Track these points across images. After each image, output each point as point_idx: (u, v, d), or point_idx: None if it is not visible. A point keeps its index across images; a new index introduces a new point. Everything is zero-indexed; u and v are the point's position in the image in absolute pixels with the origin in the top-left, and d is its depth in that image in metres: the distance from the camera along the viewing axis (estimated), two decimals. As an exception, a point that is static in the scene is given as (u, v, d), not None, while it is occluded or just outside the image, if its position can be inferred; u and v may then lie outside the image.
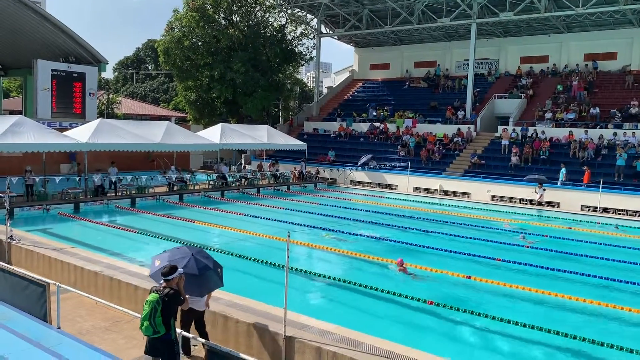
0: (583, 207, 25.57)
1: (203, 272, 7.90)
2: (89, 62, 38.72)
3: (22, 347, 7.85)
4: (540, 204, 26.05)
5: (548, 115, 33.16)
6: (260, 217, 20.48)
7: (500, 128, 33.32)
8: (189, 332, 8.08)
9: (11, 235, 13.79)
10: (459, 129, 34.68)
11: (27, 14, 34.56)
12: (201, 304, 8.36)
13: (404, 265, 13.64)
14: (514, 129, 32.59)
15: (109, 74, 79.95)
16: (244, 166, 36.57)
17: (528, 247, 17.05)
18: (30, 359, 7.47)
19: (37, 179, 21.55)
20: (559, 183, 27.18)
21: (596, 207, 24.91)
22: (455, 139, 34.04)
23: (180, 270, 7.23)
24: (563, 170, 27.36)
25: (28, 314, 9.18)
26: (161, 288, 6.98)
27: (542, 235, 18.80)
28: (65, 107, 36.65)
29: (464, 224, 20.64)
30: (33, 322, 8.89)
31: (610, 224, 21.94)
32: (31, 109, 36.80)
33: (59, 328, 8.75)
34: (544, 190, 25.94)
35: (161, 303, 6.80)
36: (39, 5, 40.07)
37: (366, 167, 33.30)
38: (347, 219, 20.92)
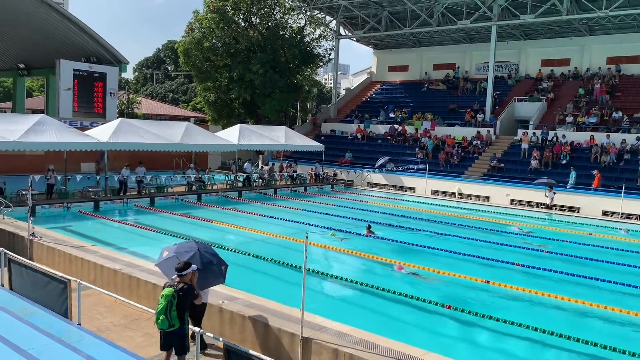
0: (604, 213, 25.20)
1: (206, 267, 8.10)
2: (110, 62, 39.18)
3: (43, 343, 7.97)
4: (550, 207, 26.04)
5: (569, 119, 32.74)
6: (277, 218, 20.54)
7: (520, 131, 32.99)
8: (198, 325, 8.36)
9: (33, 233, 14.02)
10: (478, 132, 34.40)
11: (50, 14, 35.11)
12: (204, 296, 8.47)
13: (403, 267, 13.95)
14: (534, 133, 32.25)
15: (129, 74, 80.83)
16: (261, 167, 36.74)
17: (526, 234, 18.84)
18: (51, 355, 7.57)
19: (58, 177, 21.86)
20: (568, 186, 26.95)
21: (618, 213, 24.53)
22: (475, 142, 33.78)
23: (193, 266, 7.40)
24: (573, 173, 27.14)
25: (49, 309, 9.31)
26: (175, 283, 7.15)
27: (562, 241, 18.57)
28: (86, 106, 37.11)
29: (482, 228, 20.46)
30: (54, 317, 9.01)
31: (632, 230, 21.63)
32: (53, 108, 37.31)
33: (79, 324, 8.86)
34: (554, 193, 26.01)
35: (176, 297, 6.96)
36: (62, 6, 40.73)
37: (383, 169, 33.20)
38: (363, 220, 20.89)
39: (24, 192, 19.16)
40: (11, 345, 7.76)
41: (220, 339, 7.47)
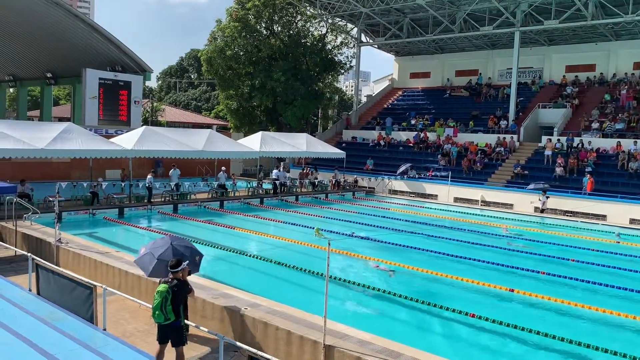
0: (632, 221, 24.66)
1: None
2: (134, 71, 39.85)
3: (70, 347, 8.08)
4: (543, 211, 26.43)
5: (595, 125, 32.18)
6: (299, 225, 20.56)
7: (544, 138, 32.52)
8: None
9: (59, 239, 14.26)
10: (503, 138, 34.02)
11: (77, 25, 35.90)
12: None
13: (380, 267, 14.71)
14: (558, 139, 31.76)
15: (153, 83, 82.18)
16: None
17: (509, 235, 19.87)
18: (77, 359, 7.67)
19: (104, 185, 22.26)
20: (582, 193, 26.68)
21: (646, 221, 24.02)
22: (498, 149, 33.42)
23: (184, 263, 7.85)
24: (585, 179, 26.85)
25: (75, 314, 9.44)
26: (169, 280, 7.59)
27: (590, 249, 18.23)
28: (111, 114, 37.76)
29: (507, 236, 20.19)
30: (80, 323, 9.13)
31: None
32: (79, 116, 38.05)
33: (104, 330, 8.97)
34: (547, 197, 26.42)
35: (171, 293, 7.44)
36: (88, 16, 41.55)
37: (405, 176, 33.03)
38: (385, 227, 20.80)
39: (50, 199, 19.52)
40: (39, 350, 7.89)
41: (243, 346, 7.49)
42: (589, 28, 34.60)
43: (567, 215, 26.22)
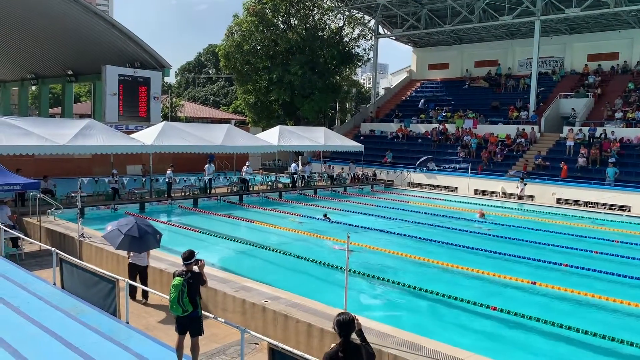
0: (657, 212, 24.20)
1: (142, 235, 10.81)
2: (153, 67, 40.15)
3: (94, 340, 8.20)
4: (520, 197, 27.60)
5: (618, 114, 31.55)
6: (318, 219, 20.56)
7: (565, 128, 31.99)
8: (134, 281, 10.70)
9: (82, 234, 14.47)
10: (523, 129, 33.55)
11: (97, 22, 36.27)
12: (143, 260, 11.22)
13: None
14: (580, 129, 31.22)
15: (171, 79, 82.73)
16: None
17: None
18: (102, 352, 7.79)
19: (125, 180, 22.53)
20: (606, 183, 26.43)
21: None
22: (518, 140, 32.99)
23: (197, 256, 7.95)
24: (610, 170, 26.66)
25: (99, 308, 9.58)
26: (183, 272, 7.64)
27: (613, 241, 17.94)
28: (131, 110, 38.14)
29: (530, 228, 19.94)
30: (103, 316, 9.26)
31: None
32: (100, 112, 38.50)
33: (127, 323, 9.08)
34: (525, 185, 27.54)
35: (186, 285, 7.47)
36: (107, 14, 41.94)
37: (424, 168, 32.80)
38: (403, 220, 20.71)
39: (73, 194, 19.81)
40: (64, 342, 8.03)
41: (264, 338, 7.52)
42: (612, 15, 33.86)
43: (590, 207, 25.81)
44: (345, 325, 5.30)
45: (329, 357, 5.28)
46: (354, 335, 5.34)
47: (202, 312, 7.81)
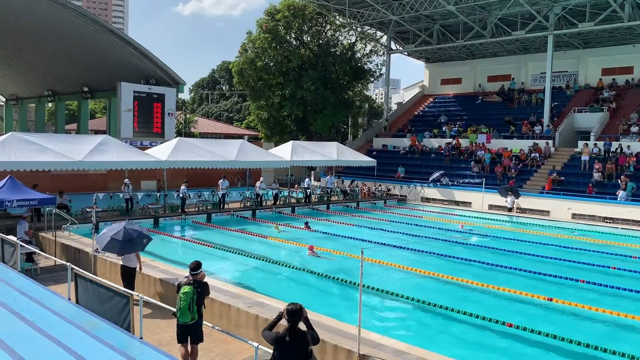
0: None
1: (126, 239, 11.49)
2: (168, 83, 40.61)
3: (108, 356, 8.18)
4: (510, 210, 28.19)
5: (634, 129, 31.25)
6: (331, 234, 20.51)
7: (580, 143, 31.72)
8: (127, 280, 11.59)
9: (97, 249, 14.55)
10: (537, 144, 33.33)
11: (113, 40, 36.87)
12: (132, 262, 11.85)
13: (313, 250, 16.58)
14: (595, 144, 30.94)
15: (185, 95, 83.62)
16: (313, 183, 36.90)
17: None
18: (115, 367, 7.77)
19: (139, 196, 22.70)
20: (619, 198, 26.08)
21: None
22: (532, 155, 32.76)
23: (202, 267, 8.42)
24: (629, 184, 26.24)
25: (113, 323, 9.58)
26: (191, 281, 7.89)
27: (631, 257, 17.67)
28: (145, 126, 38.55)
29: (544, 244, 19.72)
30: (117, 331, 9.25)
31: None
32: (115, 128, 38.95)
33: (141, 338, 9.07)
34: (518, 196, 28.23)
35: (196, 293, 7.80)
36: (122, 31, 42.64)
37: (437, 183, 32.66)
38: (417, 235, 20.58)
39: (88, 210, 19.98)
40: (78, 357, 8.02)
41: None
42: (626, 29, 33.73)
43: (607, 222, 25.47)
44: (294, 313, 6.15)
45: (275, 339, 6.05)
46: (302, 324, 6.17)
47: (217, 327, 7.96)
